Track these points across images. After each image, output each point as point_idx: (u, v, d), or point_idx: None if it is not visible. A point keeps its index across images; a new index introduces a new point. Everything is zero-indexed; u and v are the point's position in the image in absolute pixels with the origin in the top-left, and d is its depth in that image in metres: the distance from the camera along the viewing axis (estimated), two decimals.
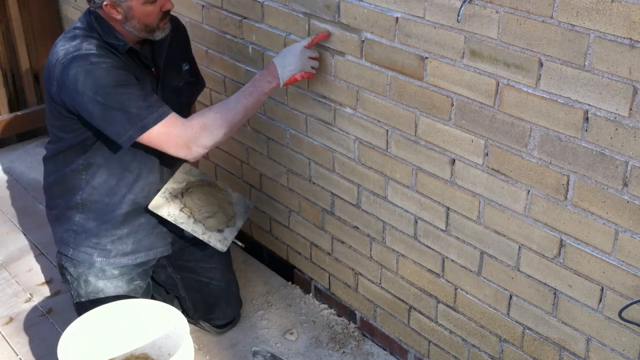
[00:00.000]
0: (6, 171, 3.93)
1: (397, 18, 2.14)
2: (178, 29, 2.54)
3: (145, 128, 2.21)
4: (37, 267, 3.15)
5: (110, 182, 2.43)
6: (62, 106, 2.30)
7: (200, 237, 2.52)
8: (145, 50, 2.39)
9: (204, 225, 2.53)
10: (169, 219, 2.49)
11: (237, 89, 2.90)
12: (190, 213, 2.52)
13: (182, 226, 2.49)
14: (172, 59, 2.47)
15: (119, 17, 2.24)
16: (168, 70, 2.45)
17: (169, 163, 2.53)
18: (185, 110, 2.55)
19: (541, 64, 1.82)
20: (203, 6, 2.92)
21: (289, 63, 2.36)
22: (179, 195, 2.53)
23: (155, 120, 2.21)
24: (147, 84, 2.33)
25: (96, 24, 2.28)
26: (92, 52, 2.21)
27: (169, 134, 2.24)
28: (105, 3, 2.21)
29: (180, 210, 2.51)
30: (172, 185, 2.55)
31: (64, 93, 2.24)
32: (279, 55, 2.39)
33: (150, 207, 2.47)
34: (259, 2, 2.64)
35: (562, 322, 2.02)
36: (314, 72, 2.41)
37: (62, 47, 2.25)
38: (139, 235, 2.52)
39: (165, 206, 2.49)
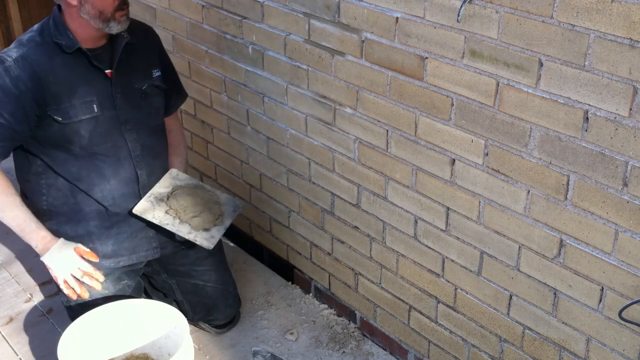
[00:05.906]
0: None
1: (397, 18, 2.14)
2: (147, 34, 2.60)
3: None
4: (37, 267, 3.14)
5: (66, 183, 2.45)
6: None
7: (186, 237, 2.51)
8: (100, 52, 2.41)
9: (189, 225, 2.52)
10: (153, 221, 2.48)
11: (236, 89, 2.91)
12: (176, 214, 2.52)
13: (167, 227, 2.49)
14: (137, 63, 2.50)
15: (74, 2, 2.28)
16: (130, 74, 2.48)
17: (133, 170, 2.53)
18: (158, 115, 2.61)
19: (541, 64, 1.82)
20: (203, 6, 2.92)
21: (59, 261, 2.40)
22: (164, 198, 2.53)
23: None
24: (92, 87, 2.38)
25: (52, 24, 2.35)
26: (6, 60, 2.29)
27: None
28: None
29: (166, 212, 2.51)
30: (158, 189, 2.55)
31: None
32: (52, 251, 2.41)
33: (135, 211, 2.47)
34: (259, 2, 2.64)
35: (562, 322, 2.02)
36: (83, 293, 2.43)
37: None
38: (120, 237, 2.51)
39: (150, 210, 2.49)
